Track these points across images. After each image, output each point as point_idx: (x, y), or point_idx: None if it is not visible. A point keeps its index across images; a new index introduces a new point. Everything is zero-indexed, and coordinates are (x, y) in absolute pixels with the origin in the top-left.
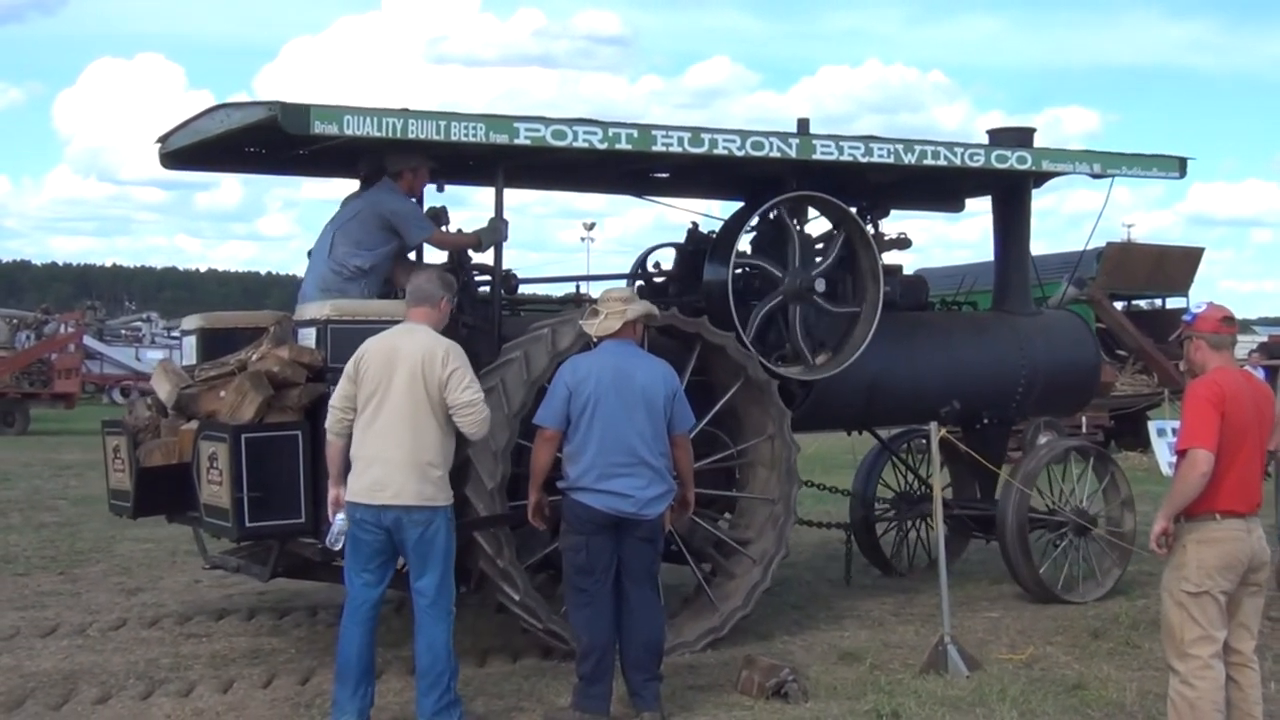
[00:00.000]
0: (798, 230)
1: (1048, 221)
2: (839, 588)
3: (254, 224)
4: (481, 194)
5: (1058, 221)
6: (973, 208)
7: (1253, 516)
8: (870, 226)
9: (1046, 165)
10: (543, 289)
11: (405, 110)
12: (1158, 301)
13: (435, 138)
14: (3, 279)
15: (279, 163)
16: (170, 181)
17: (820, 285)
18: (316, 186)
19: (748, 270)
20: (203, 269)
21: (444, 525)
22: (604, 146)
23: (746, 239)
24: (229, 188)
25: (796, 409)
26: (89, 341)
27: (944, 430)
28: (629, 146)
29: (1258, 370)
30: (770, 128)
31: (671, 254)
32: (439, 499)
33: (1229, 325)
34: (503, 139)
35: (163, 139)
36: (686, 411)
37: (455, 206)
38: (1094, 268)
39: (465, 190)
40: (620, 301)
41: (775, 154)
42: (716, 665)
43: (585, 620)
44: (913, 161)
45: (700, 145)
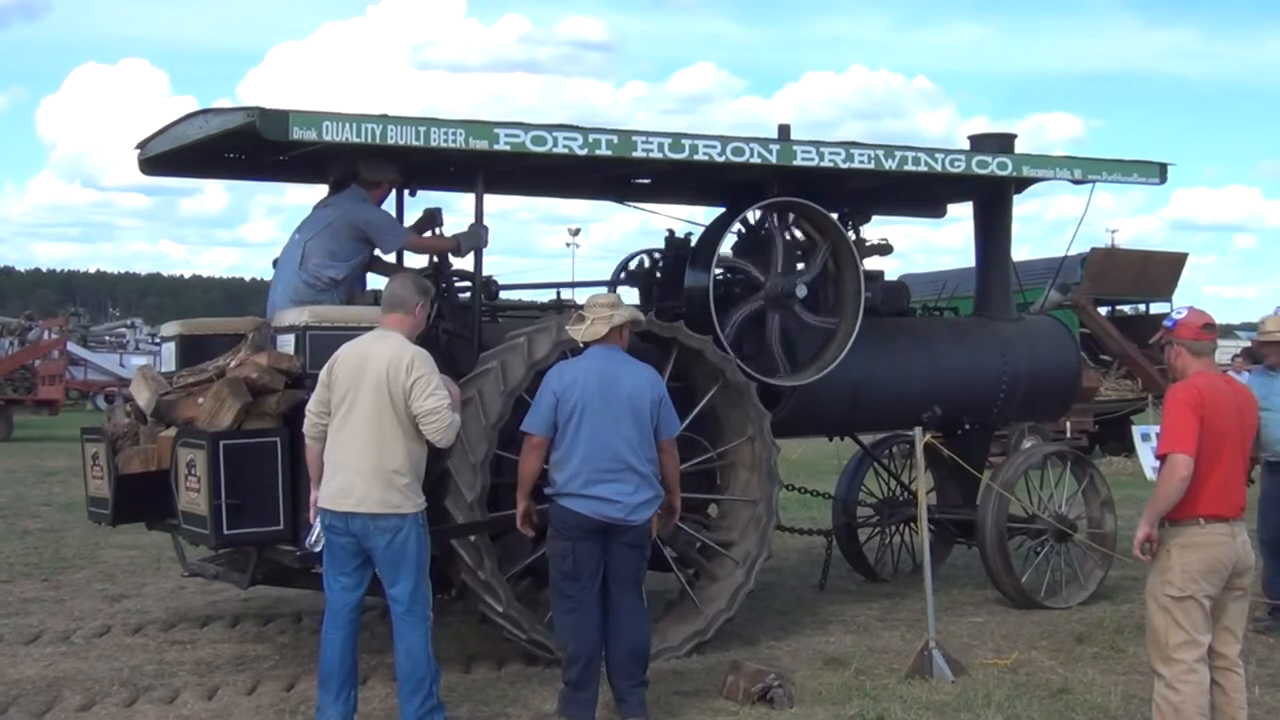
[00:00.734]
0: (779, 236)
1: (1032, 227)
2: (824, 593)
3: (238, 230)
4: (465, 200)
5: (1042, 227)
6: (957, 213)
7: (1237, 521)
8: (852, 232)
9: (1027, 171)
10: (523, 295)
11: (384, 116)
12: (1141, 307)
13: (415, 143)
14: None
15: (258, 168)
16: (154, 187)
17: (801, 291)
18: (301, 192)
19: (729, 276)
20: (187, 275)
21: (414, 532)
22: (584, 152)
23: (728, 246)
24: (213, 194)
25: (779, 414)
26: (73, 348)
27: (929, 435)
28: (609, 152)
29: (1241, 375)
30: (755, 134)
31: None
32: (405, 506)
33: (1209, 332)
34: (482, 145)
35: (142, 145)
36: (673, 417)
37: (446, 211)
38: (1078, 273)
39: (451, 196)
40: (606, 307)
41: (756, 160)
42: (702, 671)
43: (571, 626)
44: (893, 167)
45: (680, 151)
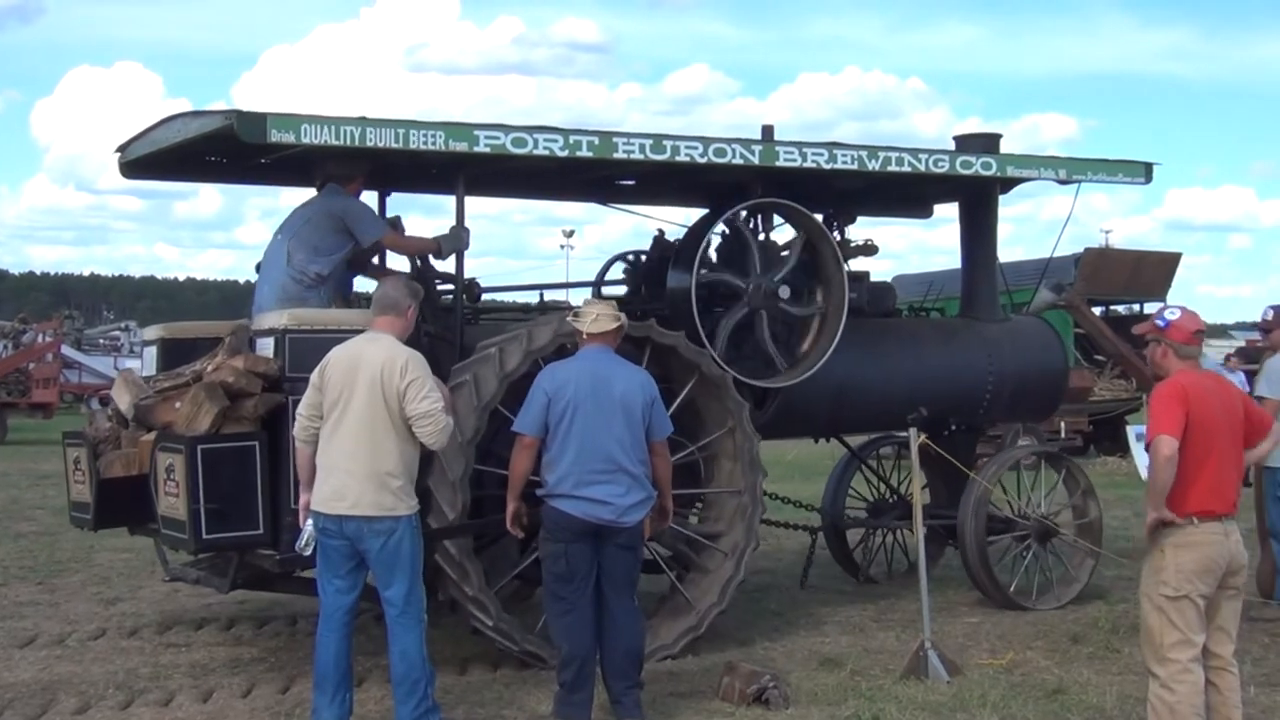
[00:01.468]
0: (760, 238)
1: (1026, 228)
2: (818, 594)
3: (232, 232)
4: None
5: (1036, 228)
6: (952, 214)
7: (1230, 519)
8: (836, 233)
9: (1011, 171)
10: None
11: (363, 119)
12: (1135, 307)
13: (394, 145)
14: None
15: (241, 172)
16: (148, 190)
17: (785, 291)
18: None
19: (712, 279)
20: (181, 278)
21: (408, 534)
22: (565, 154)
23: (712, 249)
24: (207, 197)
25: (765, 415)
26: (67, 351)
27: (923, 436)
28: (590, 154)
29: (1236, 374)
30: (749, 135)
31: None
32: (400, 509)
33: (1199, 338)
34: (462, 147)
35: (122, 148)
36: (665, 419)
37: (434, 214)
38: (1072, 273)
39: (443, 199)
40: (610, 306)
41: (738, 161)
42: (698, 672)
43: (565, 628)
44: (877, 168)
45: (662, 152)
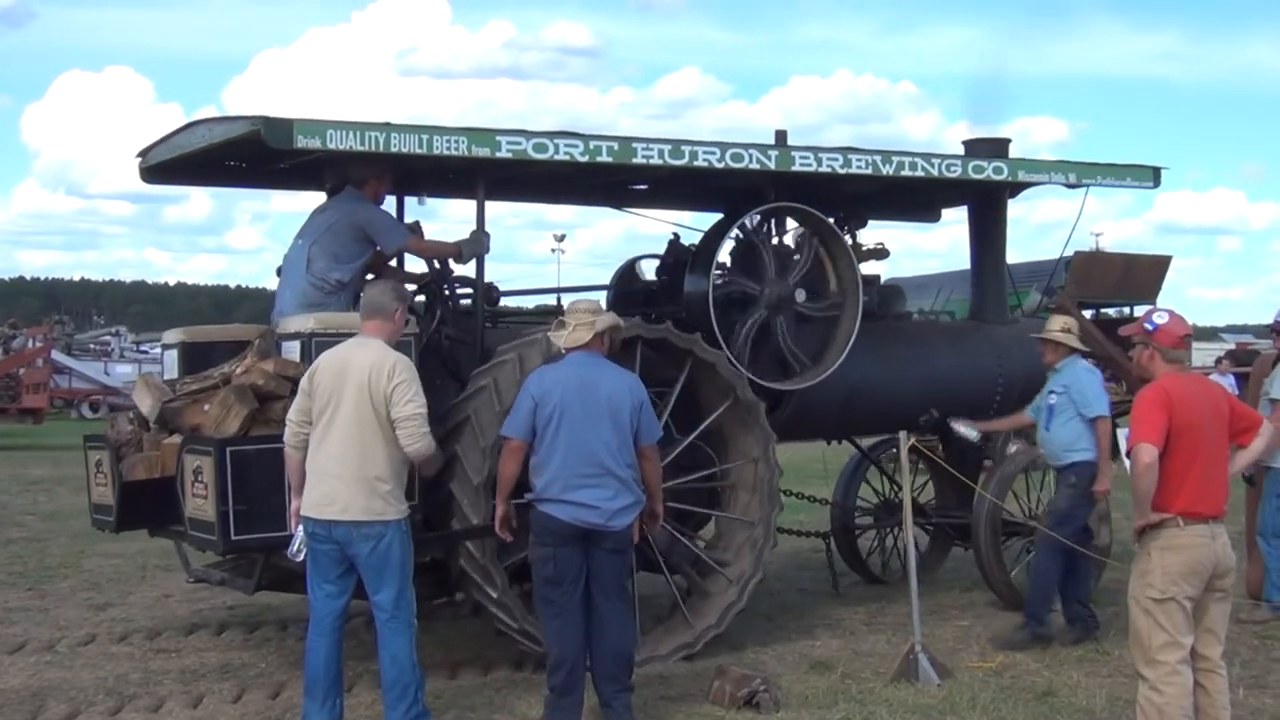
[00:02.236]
0: (775, 242)
1: (1017, 230)
2: (810, 597)
3: (223, 237)
4: (453, 206)
5: (1026, 230)
6: (943, 217)
7: (1217, 521)
8: (848, 237)
9: (1022, 175)
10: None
11: (387, 124)
12: (1126, 309)
13: (418, 151)
14: None
15: (258, 176)
16: (139, 195)
17: (800, 295)
18: (286, 199)
19: (728, 283)
20: (172, 282)
21: (397, 539)
22: (585, 159)
23: (726, 252)
24: (198, 201)
25: (779, 417)
26: (57, 356)
27: (913, 439)
28: (610, 159)
29: (1226, 377)
30: (742, 138)
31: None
32: (389, 513)
33: (1186, 343)
34: (484, 152)
35: (143, 153)
36: (653, 423)
37: (428, 219)
38: (1062, 276)
39: (439, 203)
40: (589, 313)
41: (755, 165)
42: (688, 676)
43: (555, 632)
44: (890, 172)
45: (680, 158)
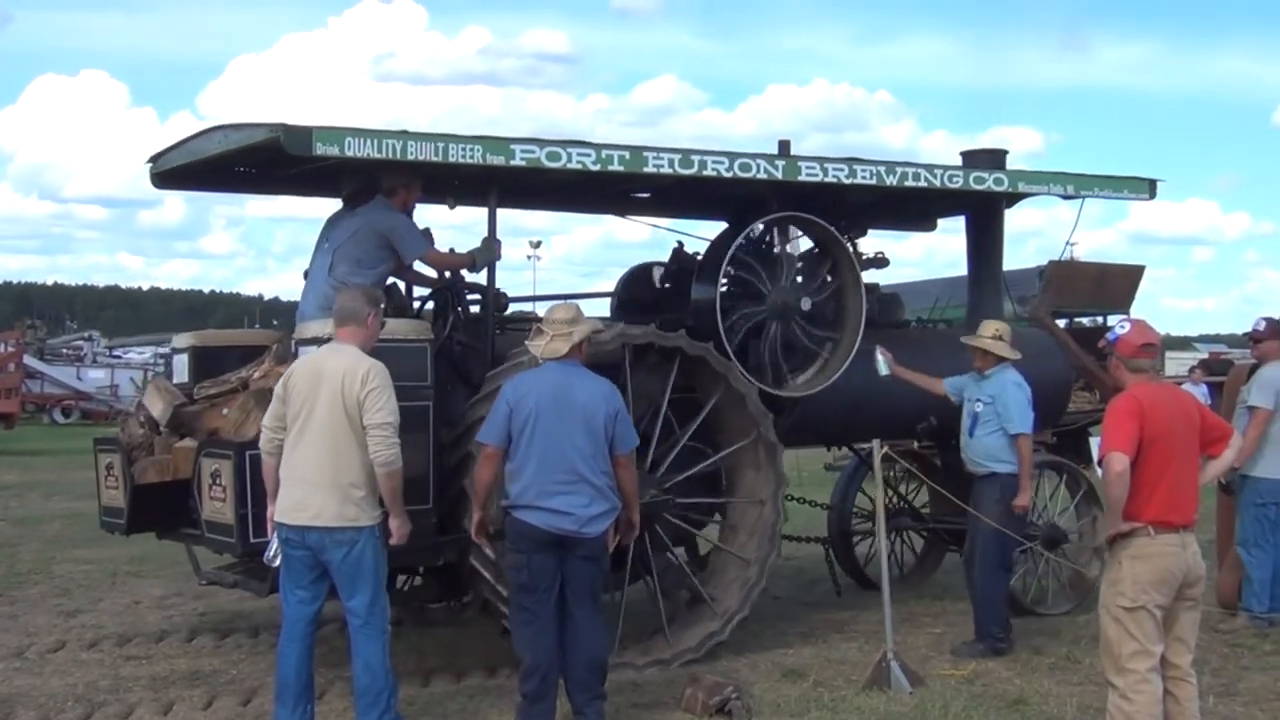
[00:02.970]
0: (784, 250)
1: None
2: (783, 605)
3: (197, 242)
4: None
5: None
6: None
7: (1187, 530)
8: (849, 246)
9: (1022, 187)
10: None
11: (404, 132)
12: (1100, 319)
13: (434, 159)
14: None
15: (268, 182)
16: (112, 199)
17: (806, 305)
18: (261, 205)
19: (731, 289)
20: (145, 287)
21: (370, 545)
22: (597, 168)
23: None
24: (172, 206)
25: (782, 424)
26: (29, 361)
27: (885, 448)
28: (621, 168)
29: (1199, 387)
30: (717, 146)
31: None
32: (362, 519)
33: (1147, 351)
34: (499, 160)
35: (155, 158)
36: (629, 432)
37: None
38: (1036, 285)
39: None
40: (565, 323)
41: (762, 175)
42: (661, 683)
43: (528, 639)
44: (895, 183)
45: (690, 167)
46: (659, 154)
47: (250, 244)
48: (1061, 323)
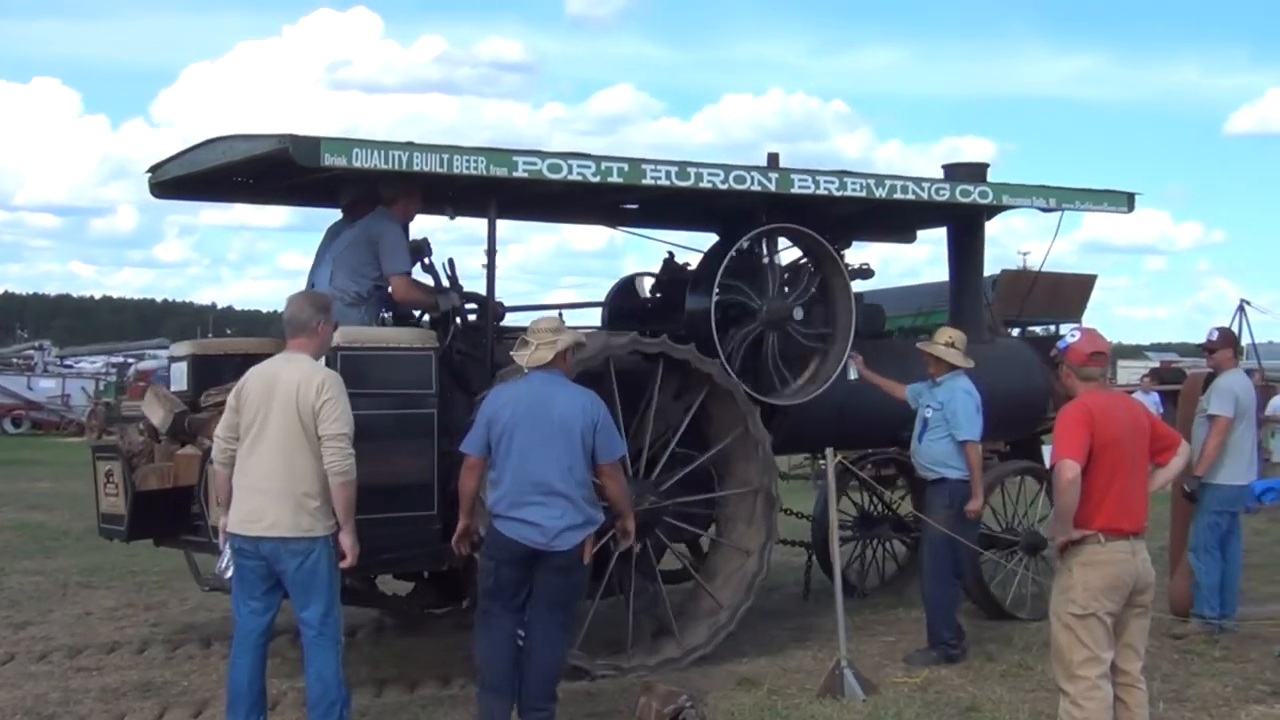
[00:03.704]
0: (772, 261)
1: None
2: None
3: (150, 250)
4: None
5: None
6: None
7: (1137, 538)
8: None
9: (1006, 199)
10: None
11: (410, 144)
12: (1052, 328)
13: (439, 170)
14: None
15: (266, 193)
16: (64, 208)
17: (798, 314)
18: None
19: (725, 300)
20: (97, 296)
21: (324, 555)
22: (597, 179)
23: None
24: (124, 214)
25: (776, 432)
26: None
27: (839, 457)
28: (620, 180)
29: (1150, 395)
30: (673, 155)
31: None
32: (317, 529)
33: (1096, 360)
34: (502, 172)
35: (155, 169)
36: (612, 440)
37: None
38: (989, 295)
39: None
40: (550, 332)
41: (756, 187)
42: (615, 692)
43: (486, 643)
44: (884, 195)
45: (687, 179)
46: (656, 166)
47: (204, 252)
48: (1014, 332)
